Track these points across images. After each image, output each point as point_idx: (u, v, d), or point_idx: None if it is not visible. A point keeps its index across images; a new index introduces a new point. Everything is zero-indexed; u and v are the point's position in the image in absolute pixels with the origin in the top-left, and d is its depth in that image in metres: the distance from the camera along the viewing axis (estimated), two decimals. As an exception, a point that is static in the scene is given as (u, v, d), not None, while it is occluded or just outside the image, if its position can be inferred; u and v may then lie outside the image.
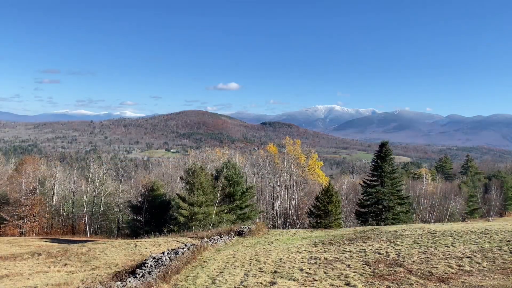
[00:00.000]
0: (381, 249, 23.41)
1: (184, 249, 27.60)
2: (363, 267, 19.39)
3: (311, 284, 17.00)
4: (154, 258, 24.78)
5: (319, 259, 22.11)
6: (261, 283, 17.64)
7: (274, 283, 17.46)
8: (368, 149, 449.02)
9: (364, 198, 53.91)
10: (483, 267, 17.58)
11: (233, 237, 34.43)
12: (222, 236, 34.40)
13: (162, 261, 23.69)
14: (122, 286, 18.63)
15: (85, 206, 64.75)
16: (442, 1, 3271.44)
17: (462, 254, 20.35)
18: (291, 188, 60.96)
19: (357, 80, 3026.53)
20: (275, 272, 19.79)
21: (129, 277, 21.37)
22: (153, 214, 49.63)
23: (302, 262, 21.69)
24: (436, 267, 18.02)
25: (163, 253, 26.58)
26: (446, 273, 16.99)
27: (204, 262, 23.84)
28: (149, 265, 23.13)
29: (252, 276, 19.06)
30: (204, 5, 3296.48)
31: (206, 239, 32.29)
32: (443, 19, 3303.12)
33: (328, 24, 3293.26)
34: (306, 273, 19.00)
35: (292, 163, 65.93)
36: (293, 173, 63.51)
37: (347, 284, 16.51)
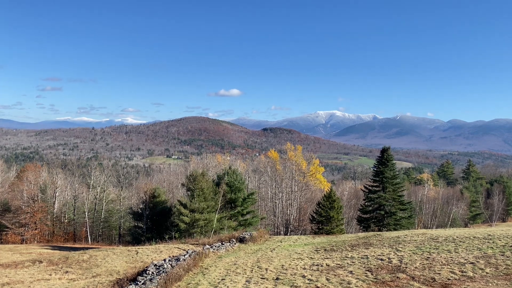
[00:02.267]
0: (383, 255, 23.32)
1: (186, 256, 27.56)
2: (365, 273, 19.30)
3: (313, 290, 16.91)
4: (155, 265, 24.74)
5: (321, 266, 22.02)
6: (263, 290, 17.56)
7: (276, 290, 17.38)
8: (370, 155, 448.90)
9: (366, 203, 53.82)
10: (486, 273, 17.46)
11: (235, 243, 34.32)
12: (223, 242, 34.31)
13: (163, 268, 23.64)
14: (123, 294, 18.58)
15: (86, 213, 64.80)
16: (442, 6, 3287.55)
17: (465, 260, 20.23)
18: (293, 194, 60.84)
19: (358, 85, 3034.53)
20: (277, 279, 19.71)
21: (131, 284, 21.34)
22: (155, 221, 49.58)
23: (304, 269, 21.60)
24: (439, 273, 17.92)
25: (164, 260, 26.54)
26: (449, 279, 16.89)
27: (205, 269, 23.76)
28: (150, 272, 23.09)
29: (254, 283, 18.99)
30: (206, 12, 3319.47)
31: (207, 246, 32.22)
32: (444, 24, 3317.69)
33: (329, 30, 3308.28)
34: (308, 279, 18.91)
35: (293, 169, 65.91)
36: (294, 179, 63.41)
37: (349, 291, 16.42)
